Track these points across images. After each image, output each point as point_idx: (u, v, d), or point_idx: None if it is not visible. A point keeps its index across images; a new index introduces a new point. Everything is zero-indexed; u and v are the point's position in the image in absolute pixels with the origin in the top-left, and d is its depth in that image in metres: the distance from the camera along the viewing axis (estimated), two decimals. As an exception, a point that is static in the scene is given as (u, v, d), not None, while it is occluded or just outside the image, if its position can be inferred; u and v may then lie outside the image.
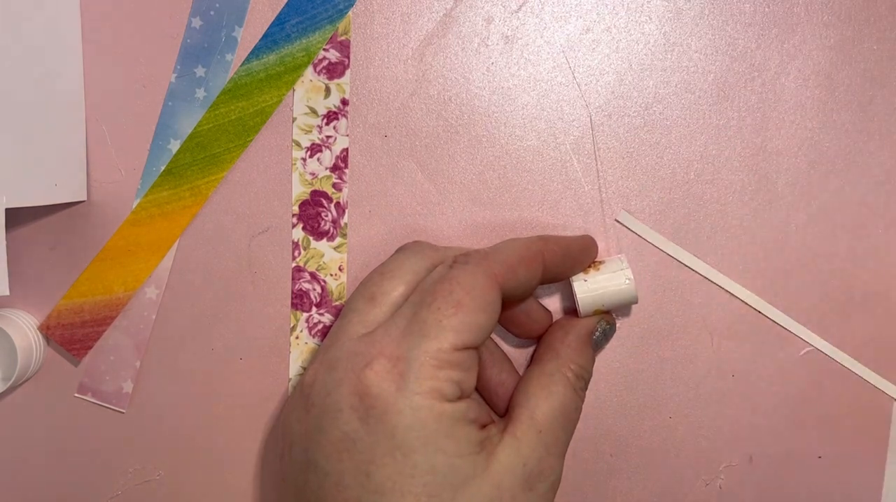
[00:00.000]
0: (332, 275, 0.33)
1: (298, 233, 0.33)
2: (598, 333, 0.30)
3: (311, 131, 0.33)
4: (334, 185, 0.33)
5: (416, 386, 0.24)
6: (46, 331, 0.33)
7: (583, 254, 0.30)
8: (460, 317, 0.25)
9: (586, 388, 0.30)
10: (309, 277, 0.33)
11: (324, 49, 0.32)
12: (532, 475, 0.26)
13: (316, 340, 0.33)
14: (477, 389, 0.30)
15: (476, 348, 0.26)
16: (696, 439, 0.33)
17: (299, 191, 0.33)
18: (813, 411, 0.33)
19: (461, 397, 0.25)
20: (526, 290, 0.28)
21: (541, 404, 0.27)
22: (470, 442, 0.25)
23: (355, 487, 0.24)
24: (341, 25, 0.32)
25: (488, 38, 0.32)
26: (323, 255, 0.33)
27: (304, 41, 0.32)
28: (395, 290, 0.27)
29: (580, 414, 0.29)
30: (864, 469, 0.33)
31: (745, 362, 0.33)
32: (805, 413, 0.33)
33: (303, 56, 0.32)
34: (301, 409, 0.26)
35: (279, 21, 0.32)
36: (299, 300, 0.33)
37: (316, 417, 0.25)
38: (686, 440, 0.33)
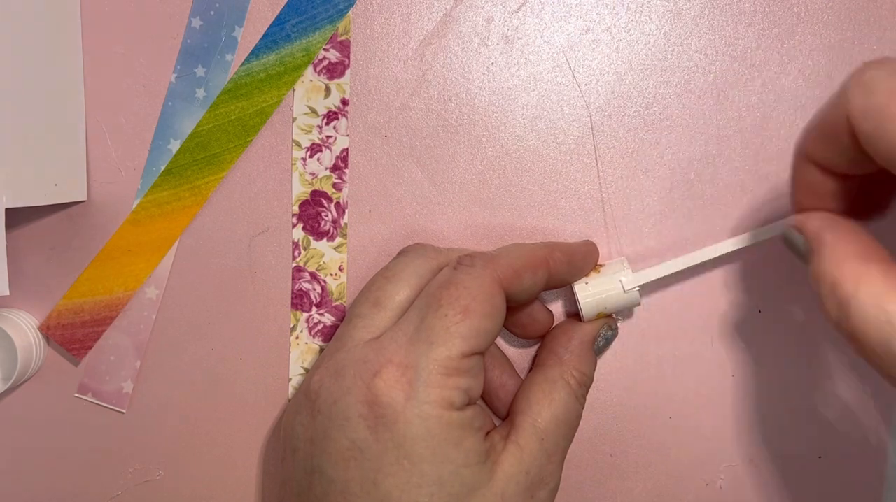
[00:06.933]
0: (332, 275, 0.33)
1: (298, 233, 0.33)
2: (600, 339, 0.30)
3: (311, 131, 0.33)
4: (334, 185, 0.33)
5: (425, 394, 0.24)
6: (46, 331, 0.33)
7: (586, 261, 0.30)
8: (468, 323, 0.25)
9: (587, 394, 0.30)
10: (309, 277, 0.33)
11: (324, 49, 0.32)
12: (534, 483, 0.26)
13: (316, 340, 0.33)
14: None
15: (482, 353, 0.26)
16: (696, 439, 0.33)
17: (299, 191, 0.33)
18: (813, 411, 0.33)
19: (468, 403, 0.25)
20: (529, 296, 0.28)
21: (543, 411, 0.27)
22: (476, 452, 0.25)
23: (361, 495, 0.24)
24: (341, 25, 0.32)
25: (488, 38, 0.32)
26: (323, 255, 0.33)
27: (304, 41, 0.32)
28: (400, 294, 0.27)
29: (580, 420, 0.29)
30: (865, 469, 0.33)
31: (745, 362, 0.33)
32: (805, 413, 0.33)
33: (303, 56, 0.32)
34: (306, 415, 0.26)
35: (279, 21, 0.32)
36: (299, 300, 0.33)
37: (322, 424, 0.25)
38: (686, 440, 0.33)
